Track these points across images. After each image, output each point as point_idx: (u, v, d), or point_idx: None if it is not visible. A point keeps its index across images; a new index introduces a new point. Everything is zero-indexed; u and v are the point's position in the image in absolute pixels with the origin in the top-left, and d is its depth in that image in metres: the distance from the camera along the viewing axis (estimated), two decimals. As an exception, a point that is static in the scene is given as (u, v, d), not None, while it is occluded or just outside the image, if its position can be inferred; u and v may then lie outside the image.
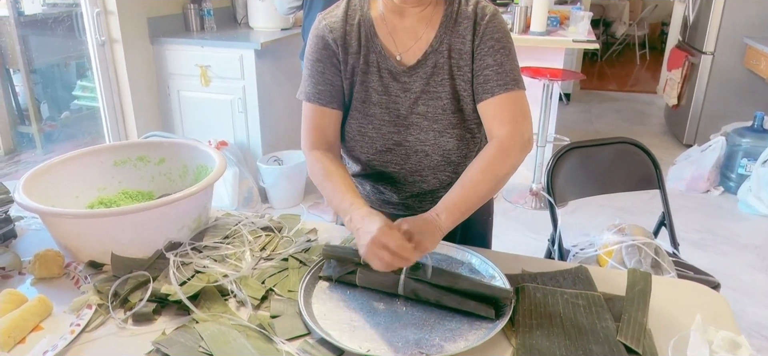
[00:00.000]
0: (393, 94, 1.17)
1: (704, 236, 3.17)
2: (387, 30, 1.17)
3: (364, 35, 1.17)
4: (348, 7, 1.20)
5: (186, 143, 1.44)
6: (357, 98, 1.19)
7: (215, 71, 3.21)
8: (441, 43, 1.15)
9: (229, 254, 1.16)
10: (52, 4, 3.10)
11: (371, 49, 1.17)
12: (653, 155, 1.87)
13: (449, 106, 1.16)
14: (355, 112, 1.20)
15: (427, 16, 1.16)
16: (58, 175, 1.28)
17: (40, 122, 3.30)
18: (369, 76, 1.17)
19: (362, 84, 1.18)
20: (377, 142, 1.20)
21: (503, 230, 3.18)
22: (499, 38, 1.13)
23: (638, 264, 1.54)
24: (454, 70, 1.15)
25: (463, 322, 0.97)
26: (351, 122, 1.21)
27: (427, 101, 1.16)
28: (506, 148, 1.09)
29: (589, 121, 5.06)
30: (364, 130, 1.20)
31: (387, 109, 1.18)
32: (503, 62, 1.12)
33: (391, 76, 1.17)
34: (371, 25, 1.17)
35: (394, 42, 1.17)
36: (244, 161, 3.30)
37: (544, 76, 3.27)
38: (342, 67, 1.18)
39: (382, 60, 1.16)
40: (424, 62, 1.15)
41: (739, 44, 4.13)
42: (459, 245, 1.18)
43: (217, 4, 3.70)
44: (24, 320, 0.95)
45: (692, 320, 0.96)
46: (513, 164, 1.10)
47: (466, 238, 1.32)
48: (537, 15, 3.48)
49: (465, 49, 1.14)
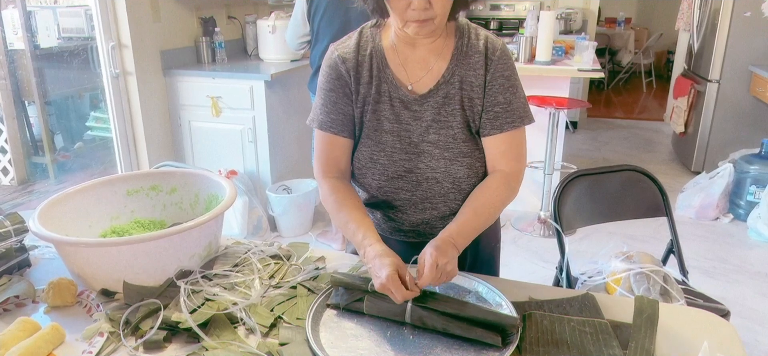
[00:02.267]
0: (404, 122, 1.20)
1: (714, 263, 3.14)
2: (399, 61, 1.20)
3: (375, 66, 1.20)
4: (360, 38, 1.23)
5: (197, 172, 1.46)
6: (369, 126, 1.22)
7: (226, 102, 3.27)
8: (453, 75, 1.18)
9: (239, 282, 1.18)
10: (68, 37, 3.18)
11: (383, 79, 1.20)
12: (659, 183, 1.87)
13: (460, 135, 1.19)
14: (367, 139, 1.22)
15: (438, 48, 1.19)
16: (73, 204, 1.31)
17: (53, 153, 3.36)
18: (381, 105, 1.20)
19: (374, 113, 1.21)
20: (389, 169, 1.22)
21: (512, 259, 3.17)
22: (508, 76, 1.19)
23: (647, 292, 1.53)
24: (465, 101, 1.18)
25: (470, 350, 0.97)
26: (363, 150, 1.23)
27: (439, 130, 1.19)
28: (512, 185, 1.21)
29: (596, 149, 5.07)
30: (376, 157, 1.22)
31: (398, 136, 1.20)
32: (511, 101, 1.18)
33: (402, 105, 1.20)
34: (383, 55, 1.20)
35: (405, 72, 1.20)
36: (253, 190, 3.33)
37: (550, 104, 3.30)
38: (354, 97, 1.22)
39: (394, 89, 1.20)
40: (435, 92, 1.18)
41: (745, 72, 4.15)
42: (466, 273, 1.19)
43: (229, 36, 3.79)
44: (37, 348, 0.96)
45: (700, 348, 0.96)
46: (511, 199, 1.21)
47: (475, 265, 1.33)
48: (542, 45, 3.53)
49: (477, 83, 1.18)
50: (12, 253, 1.25)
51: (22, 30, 2.92)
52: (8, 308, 1.13)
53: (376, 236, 1.10)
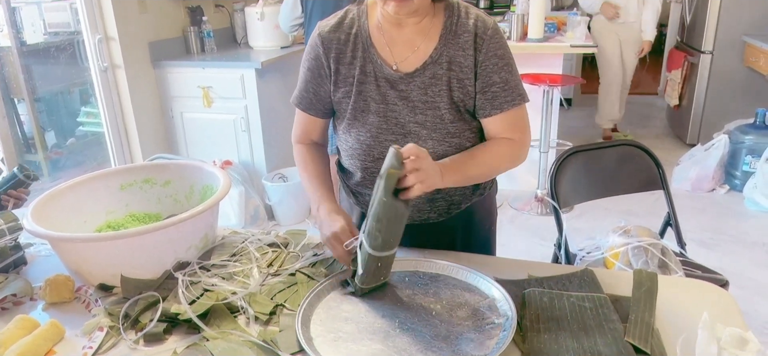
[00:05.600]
0: (391, 102, 1.19)
1: (712, 235, 3.15)
2: (384, 40, 1.19)
3: (361, 46, 1.19)
4: (345, 17, 1.22)
5: (191, 164, 1.45)
6: (355, 107, 1.21)
7: (217, 92, 3.24)
8: (440, 55, 1.16)
9: (237, 271, 1.17)
10: (54, 32, 3.14)
11: (368, 59, 1.19)
12: (655, 156, 1.87)
13: (447, 116, 1.17)
14: (353, 121, 1.22)
15: (425, 28, 1.17)
16: (66, 201, 1.30)
17: (46, 150, 3.33)
18: (366, 85, 1.19)
19: (360, 94, 1.20)
20: (375, 150, 1.21)
21: (510, 238, 3.18)
22: (502, 55, 1.17)
23: (645, 265, 1.53)
24: (453, 82, 1.17)
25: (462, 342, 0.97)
26: (350, 131, 1.23)
27: (426, 111, 1.17)
28: (515, 151, 1.22)
29: (592, 126, 5.06)
30: (363, 138, 1.21)
31: (385, 117, 1.19)
32: (508, 79, 1.18)
33: (388, 84, 1.18)
34: (368, 35, 1.19)
35: (391, 52, 1.19)
36: (249, 180, 3.32)
37: (543, 82, 3.28)
38: (332, 78, 1.21)
39: (379, 69, 1.18)
40: (422, 72, 1.17)
41: (738, 42, 4.14)
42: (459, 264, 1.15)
43: (217, 25, 3.75)
44: (37, 345, 0.96)
45: (700, 318, 0.96)
46: (513, 166, 1.23)
47: (469, 244, 1.32)
48: (534, 22, 3.50)
49: (466, 64, 1.16)
50: (7, 252, 1.24)
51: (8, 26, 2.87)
52: (6, 306, 1.12)
53: (332, 198, 1.22)
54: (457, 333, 0.96)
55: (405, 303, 1.06)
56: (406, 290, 1.10)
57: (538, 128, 3.46)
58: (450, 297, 1.07)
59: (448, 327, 0.98)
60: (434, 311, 1.03)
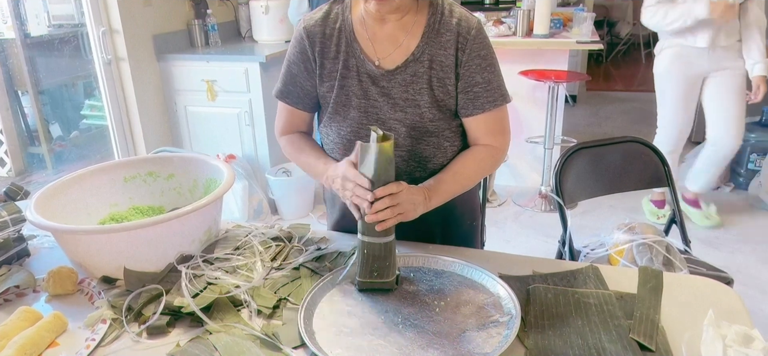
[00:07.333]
0: (372, 98, 1.18)
1: (716, 233, 3.14)
2: (367, 36, 1.19)
3: (344, 40, 1.19)
4: (330, 11, 1.22)
5: (194, 157, 1.45)
6: (337, 101, 1.21)
7: (221, 85, 3.24)
8: (423, 53, 1.16)
9: (240, 265, 1.17)
10: (58, 25, 3.13)
11: (351, 54, 1.19)
12: (661, 154, 1.86)
13: (427, 114, 1.17)
14: (335, 115, 1.22)
15: (408, 24, 1.17)
16: (69, 193, 1.29)
17: (49, 143, 3.34)
18: (349, 80, 1.19)
19: (342, 88, 1.20)
20: (355, 144, 1.20)
21: (514, 234, 3.17)
22: (485, 56, 1.17)
23: (650, 263, 1.53)
24: (434, 81, 1.17)
25: (464, 340, 0.97)
26: (331, 125, 1.23)
27: (406, 108, 1.17)
28: (496, 157, 1.24)
29: (597, 123, 5.04)
30: (343, 132, 1.22)
31: (366, 113, 1.19)
32: (491, 79, 1.17)
33: (370, 79, 1.18)
34: (351, 30, 1.19)
35: (373, 48, 1.18)
36: (253, 174, 3.31)
37: (548, 78, 3.27)
38: (317, 72, 1.21)
39: (361, 64, 1.18)
40: (403, 69, 1.17)
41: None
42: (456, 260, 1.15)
43: (221, 19, 3.74)
44: (40, 337, 0.96)
45: (705, 316, 0.95)
46: (493, 170, 1.25)
47: (449, 238, 1.31)
48: (540, 18, 3.48)
49: (448, 63, 1.16)
50: (10, 243, 1.24)
51: (12, 18, 2.87)
52: (9, 298, 1.12)
53: (334, 161, 1.20)
54: (460, 330, 0.96)
55: (409, 299, 1.05)
56: (410, 286, 1.10)
57: (543, 124, 3.44)
58: (454, 294, 1.06)
59: (452, 324, 0.98)
60: (438, 307, 1.02)
